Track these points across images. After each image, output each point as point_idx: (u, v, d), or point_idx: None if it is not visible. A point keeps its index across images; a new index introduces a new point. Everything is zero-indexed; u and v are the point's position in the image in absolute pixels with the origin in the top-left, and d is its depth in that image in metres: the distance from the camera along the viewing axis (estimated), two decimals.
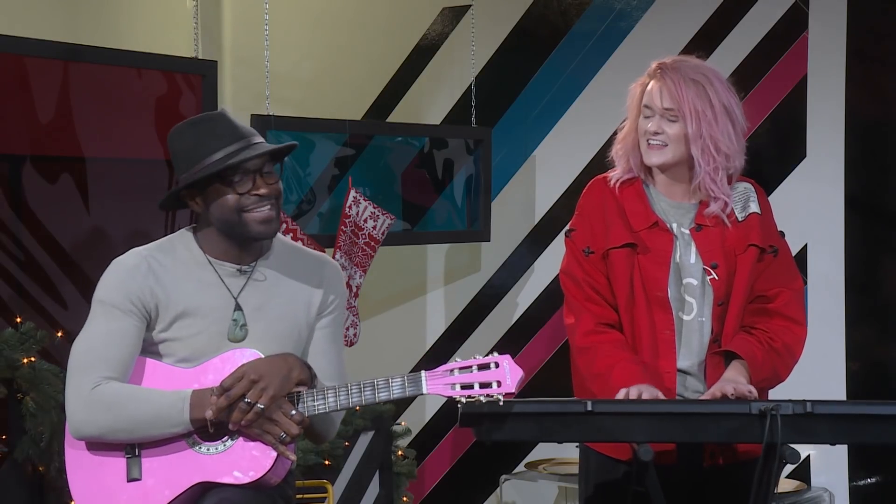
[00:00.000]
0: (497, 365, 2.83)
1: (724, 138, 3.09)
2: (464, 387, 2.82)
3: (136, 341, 2.87)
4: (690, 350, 3.12)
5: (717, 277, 3.10)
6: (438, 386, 2.82)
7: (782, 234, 3.25)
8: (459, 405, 2.85)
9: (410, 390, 2.83)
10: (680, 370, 3.11)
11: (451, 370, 2.83)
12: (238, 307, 2.90)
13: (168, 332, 2.89)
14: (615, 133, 3.25)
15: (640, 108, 3.15)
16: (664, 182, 3.18)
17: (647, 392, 2.97)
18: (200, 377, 2.85)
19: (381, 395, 2.84)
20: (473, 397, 2.82)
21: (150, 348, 2.90)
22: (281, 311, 2.94)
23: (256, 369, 2.80)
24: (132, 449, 2.83)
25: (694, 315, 3.12)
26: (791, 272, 3.21)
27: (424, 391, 2.83)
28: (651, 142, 3.12)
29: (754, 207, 3.17)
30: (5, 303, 4.06)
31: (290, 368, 2.83)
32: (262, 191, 2.86)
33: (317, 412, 2.85)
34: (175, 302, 2.88)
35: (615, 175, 3.20)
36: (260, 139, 2.91)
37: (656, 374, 3.08)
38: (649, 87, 3.13)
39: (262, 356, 2.85)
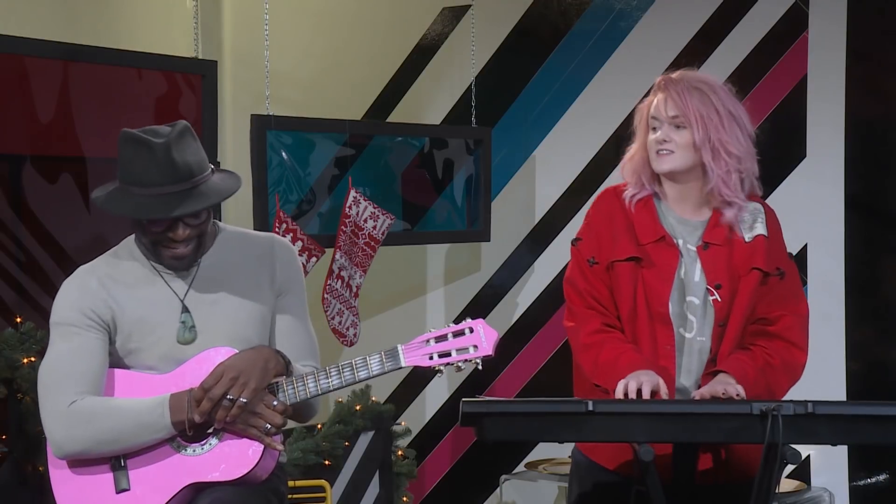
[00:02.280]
0: (472, 330, 2.83)
1: (732, 140, 3.08)
2: (441, 355, 2.83)
3: (102, 354, 2.84)
4: (690, 369, 3.11)
5: (719, 299, 3.08)
6: (416, 357, 2.83)
7: (791, 256, 3.23)
8: (439, 374, 2.87)
9: (389, 365, 2.84)
10: (678, 388, 3.10)
11: (427, 340, 2.84)
12: (185, 309, 2.88)
13: (130, 344, 2.87)
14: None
15: (647, 125, 3.15)
16: (675, 197, 3.16)
17: (648, 380, 2.95)
18: (178, 381, 2.83)
19: (360, 373, 2.84)
20: (452, 364, 2.82)
21: (119, 362, 2.88)
22: (239, 298, 2.91)
23: (234, 366, 2.78)
24: (118, 460, 2.81)
25: (694, 333, 3.10)
26: (797, 296, 3.17)
27: (403, 364, 2.84)
28: (660, 151, 3.11)
29: (761, 229, 3.13)
30: (5, 303, 4.06)
31: (265, 360, 2.82)
32: (175, 234, 2.81)
33: (298, 399, 2.84)
34: (129, 312, 2.86)
35: (628, 192, 3.18)
36: (203, 179, 2.80)
37: None
38: (655, 101, 3.14)
39: (237, 352, 2.83)
